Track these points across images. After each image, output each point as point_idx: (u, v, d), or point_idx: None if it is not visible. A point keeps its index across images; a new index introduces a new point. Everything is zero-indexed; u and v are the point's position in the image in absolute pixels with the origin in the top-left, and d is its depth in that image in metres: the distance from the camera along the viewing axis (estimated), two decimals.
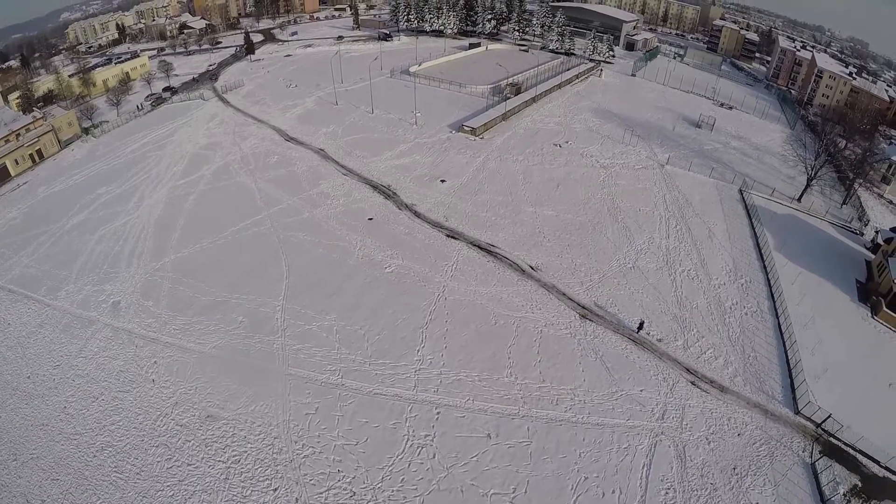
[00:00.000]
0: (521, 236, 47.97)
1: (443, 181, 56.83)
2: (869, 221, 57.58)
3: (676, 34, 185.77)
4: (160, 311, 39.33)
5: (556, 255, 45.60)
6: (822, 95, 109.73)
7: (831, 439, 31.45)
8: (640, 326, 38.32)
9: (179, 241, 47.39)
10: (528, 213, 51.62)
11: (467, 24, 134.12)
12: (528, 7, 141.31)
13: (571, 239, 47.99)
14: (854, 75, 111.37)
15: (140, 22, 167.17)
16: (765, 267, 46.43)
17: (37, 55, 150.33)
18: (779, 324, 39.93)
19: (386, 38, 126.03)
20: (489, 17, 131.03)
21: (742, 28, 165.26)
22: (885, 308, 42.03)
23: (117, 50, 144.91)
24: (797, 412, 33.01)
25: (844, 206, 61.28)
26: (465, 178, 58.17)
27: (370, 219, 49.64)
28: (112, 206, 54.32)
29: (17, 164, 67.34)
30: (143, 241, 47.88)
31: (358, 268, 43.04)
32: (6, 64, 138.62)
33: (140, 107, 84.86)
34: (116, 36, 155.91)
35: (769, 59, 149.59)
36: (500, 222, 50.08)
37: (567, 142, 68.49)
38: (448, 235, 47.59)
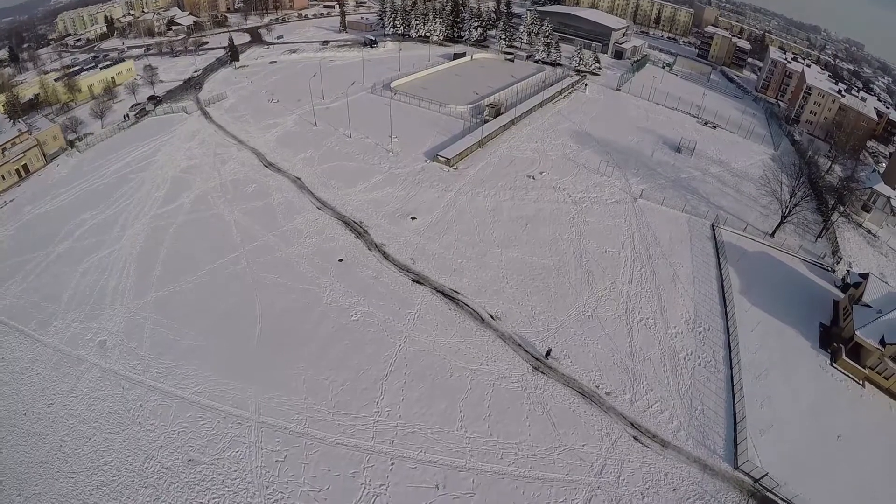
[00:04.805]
0: (484, 281, 49.08)
1: (413, 218, 57.38)
2: (842, 259, 57.56)
3: (668, 38, 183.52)
4: (143, 352, 41.10)
5: (517, 302, 46.90)
6: (811, 112, 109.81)
7: (769, 494, 33.02)
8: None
9: (160, 278, 48.77)
10: (494, 256, 52.57)
11: (454, 31, 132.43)
12: (517, 11, 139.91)
13: (534, 284, 49.10)
14: (843, 93, 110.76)
15: (129, 13, 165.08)
16: (726, 313, 46.72)
17: (25, 45, 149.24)
18: (731, 375, 40.63)
19: (371, 44, 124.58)
20: (476, 24, 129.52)
21: (734, 34, 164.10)
22: (844, 356, 42.42)
23: (105, 45, 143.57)
24: (736, 467, 34.40)
25: (819, 239, 60.84)
26: (435, 215, 58.66)
27: (340, 260, 50.84)
28: (96, 234, 55.52)
29: (4, 179, 68.21)
30: (125, 276, 49.22)
31: (326, 314, 44.64)
32: None
33: (126, 117, 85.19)
34: (105, 29, 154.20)
35: (761, 64, 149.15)
36: (466, 265, 51.18)
37: (541, 172, 68.86)
38: (414, 280, 48.82)
